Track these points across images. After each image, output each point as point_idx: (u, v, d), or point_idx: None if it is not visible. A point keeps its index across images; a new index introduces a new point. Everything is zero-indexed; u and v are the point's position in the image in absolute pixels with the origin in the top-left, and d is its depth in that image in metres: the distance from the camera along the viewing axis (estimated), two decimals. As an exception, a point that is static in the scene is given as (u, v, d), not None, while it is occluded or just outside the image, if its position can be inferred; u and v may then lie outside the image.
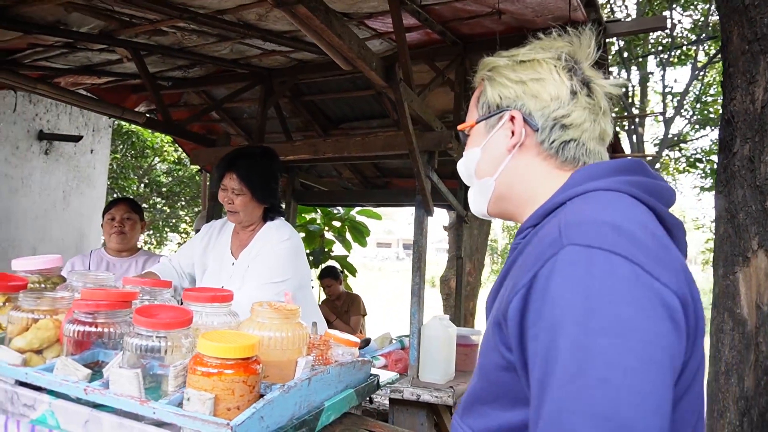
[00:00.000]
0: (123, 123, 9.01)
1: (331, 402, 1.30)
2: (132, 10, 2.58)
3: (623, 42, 8.02)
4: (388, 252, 39.57)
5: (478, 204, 0.97)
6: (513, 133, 0.88)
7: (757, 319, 1.89)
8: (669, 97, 8.89)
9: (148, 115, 3.60)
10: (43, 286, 1.56)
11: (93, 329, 1.20)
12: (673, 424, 0.66)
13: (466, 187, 3.57)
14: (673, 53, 8.42)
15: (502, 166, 0.90)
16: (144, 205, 10.95)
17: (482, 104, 0.94)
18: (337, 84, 4.11)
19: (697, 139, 8.98)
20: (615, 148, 3.99)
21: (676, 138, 9.14)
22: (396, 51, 3.11)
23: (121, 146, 10.05)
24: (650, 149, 9.24)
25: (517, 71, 0.89)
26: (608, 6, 8.30)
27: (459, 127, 1.00)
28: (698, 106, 8.53)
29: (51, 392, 1.15)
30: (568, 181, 0.83)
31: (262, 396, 1.08)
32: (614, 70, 8.51)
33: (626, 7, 8.75)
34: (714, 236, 2.19)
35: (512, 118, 0.88)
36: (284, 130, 4.27)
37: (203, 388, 1.01)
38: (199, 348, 1.04)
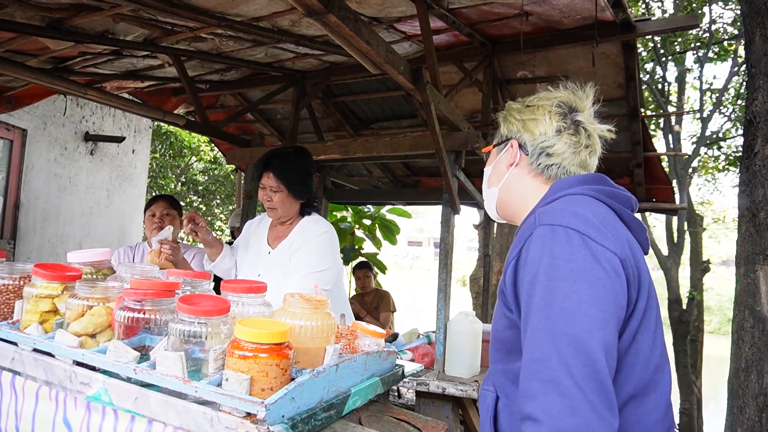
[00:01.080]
0: (162, 124, 9.33)
1: (357, 388, 1.39)
2: (174, 19, 2.73)
3: (659, 38, 7.85)
4: (419, 250, 39.52)
5: (489, 207, 1.30)
6: (513, 155, 1.21)
7: (776, 317, 1.88)
8: (707, 93, 8.64)
9: (187, 117, 3.77)
10: (95, 276, 1.69)
11: (141, 315, 1.32)
12: (633, 356, 0.97)
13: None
14: (711, 49, 8.19)
15: (504, 179, 1.23)
16: (181, 203, 11.30)
17: (497, 135, 1.28)
18: (367, 85, 4.20)
19: (736, 137, 8.72)
20: (647, 147, 3.95)
21: (714, 136, 8.88)
22: (424, 53, 3.18)
23: (160, 146, 10.40)
24: (687, 147, 9.02)
25: (521, 113, 1.21)
26: (644, 2, 8.14)
27: (483, 150, 1.37)
28: (739, 102, 8.27)
29: (104, 372, 1.28)
30: (547, 192, 1.14)
31: (293, 379, 1.18)
32: (649, 66, 8.34)
33: (662, 2, 8.57)
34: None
35: (512, 145, 1.21)
36: (316, 130, 4.39)
37: (240, 370, 1.11)
38: (236, 333, 1.14)
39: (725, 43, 8.39)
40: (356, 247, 6.56)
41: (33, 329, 1.39)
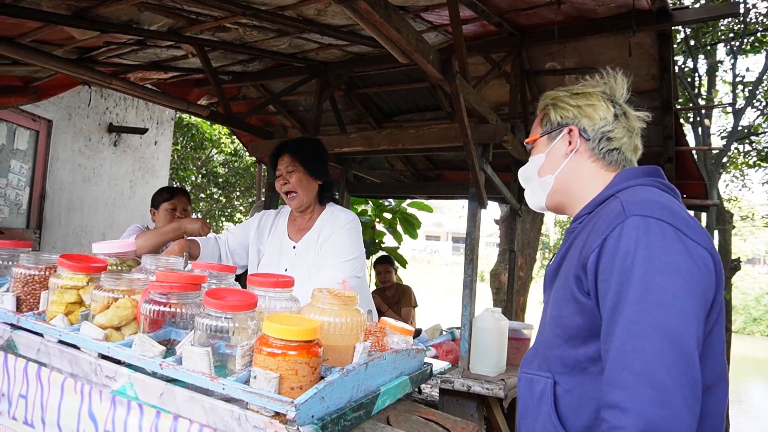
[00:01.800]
0: (183, 116, 9.39)
1: (386, 387, 1.34)
2: (199, 8, 2.70)
3: (690, 29, 7.61)
4: (437, 245, 39.42)
5: (537, 197, 1.27)
6: (570, 142, 1.21)
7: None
8: (740, 86, 8.37)
9: (211, 109, 3.75)
10: (119, 268, 1.67)
11: (167, 309, 1.28)
12: (708, 348, 0.97)
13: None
14: (745, 40, 7.92)
15: (562, 166, 1.21)
16: (201, 195, 11.39)
17: (545, 123, 1.26)
18: (390, 76, 4.14)
19: (768, 131, 8.45)
20: (679, 141, 3.82)
21: (746, 130, 8.62)
22: (451, 43, 3.11)
23: (181, 138, 10.47)
24: (717, 142, 8.78)
25: (574, 99, 1.22)
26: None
27: (526, 141, 1.32)
28: (773, 96, 8.01)
29: (129, 366, 1.25)
30: (613, 180, 1.15)
31: (322, 378, 1.14)
32: (679, 59, 8.10)
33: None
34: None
35: (570, 131, 1.21)
36: (339, 122, 4.34)
37: (269, 368, 1.07)
38: (265, 330, 1.10)
39: (759, 34, 8.11)
40: (377, 240, 6.53)
41: (58, 320, 1.37)
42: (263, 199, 4.07)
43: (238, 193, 12.22)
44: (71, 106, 5.61)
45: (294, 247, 2.19)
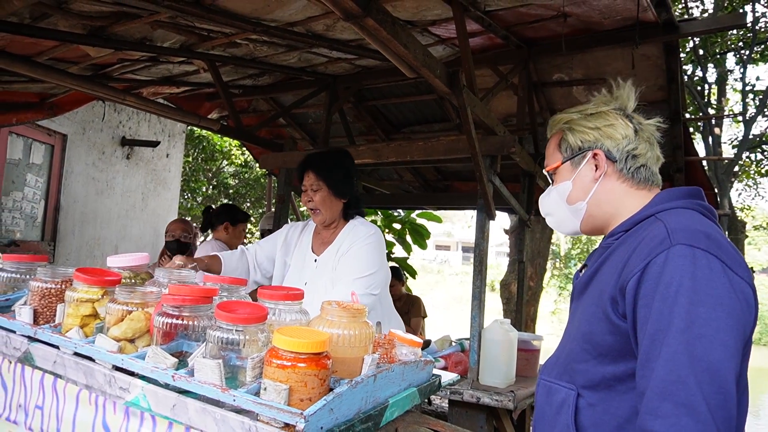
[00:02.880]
0: (195, 129, 9.50)
1: (395, 399, 1.36)
2: (210, 25, 2.76)
3: (698, 39, 7.61)
4: (447, 254, 39.31)
5: (569, 224, 1.26)
6: (596, 166, 1.18)
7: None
8: (750, 95, 8.33)
9: (222, 123, 3.81)
10: (133, 281, 1.71)
11: (179, 321, 1.31)
12: (740, 378, 0.95)
13: (529, 191, 3.53)
14: (756, 49, 7.90)
15: (592, 192, 1.19)
16: (212, 207, 11.48)
17: (565, 149, 1.23)
18: (399, 89, 4.18)
19: (781, 140, 8.38)
20: (688, 151, 3.82)
21: (757, 139, 8.55)
22: (459, 56, 3.14)
23: (193, 151, 10.59)
24: (728, 151, 8.71)
25: (591, 121, 1.20)
26: (682, 2, 7.90)
27: (546, 169, 1.30)
28: (784, 104, 7.96)
29: (143, 378, 1.28)
30: (653, 200, 1.15)
31: (331, 389, 1.15)
32: (688, 68, 8.09)
33: (703, 2, 8.30)
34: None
35: (595, 155, 1.19)
36: (348, 134, 4.39)
37: (278, 380, 1.09)
38: (275, 342, 1.12)
39: (769, 43, 8.09)
40: (386, 251, 6.53)
41: (74, 333, 1.41)
42: (273, 210, 4.10)
43: (248, 204, 12.31)
44: (85, 120, 5.71)
45: (315, 261, 2.20)
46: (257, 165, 9.75)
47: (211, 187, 11.65)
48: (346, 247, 2.13)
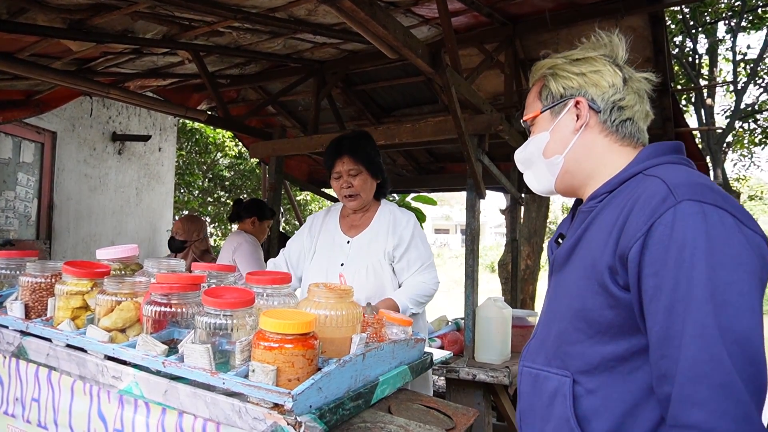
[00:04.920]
0: (187, 121, 9.45)
1: (385, 377, 1.38)
2: (190, 14, 2.73)
3: (688, 9, 7.56)
4: (446, 237, 39.39)
5: (544, 181, 1.13)
6: (578, 116, 1.06)
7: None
8: (741, 64, 8.29)
9: (209, 113, 3.79)
10: (123, 272, 1.72)
11: (168, 309, 1.33)
12: None
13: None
14: (745, 17, 7.85)
15: (571, 144, 1.07)
16: (209, 199, 11.48)
17: (545, 96, 1.11)
18: (387, 72, 4.15)
19: (773, 108, 8.37)
20: (678, 122, 3.81)
21: (750, 108, 8.54)
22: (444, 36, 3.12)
23: (186, 143, 10.54)
24: (722, 122, 8.70)
25: (576, 66, 1.08)
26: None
27: (524, 118, 1.17)
28: (775, 72, 7.93)
29: (134, 366, 1.29)
30: (637, 157, 1.02)
31: (320, 369, 1.17)
32: (678, 39, 8.04)
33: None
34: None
35: (577, 104, 1.06)
36: (337, 119, 4.37)
37: (266, 361, 1.11)
38: (261, 325, 1.14)
39: (759, 10, 8.03)
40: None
41: (65, 325, 1.42)
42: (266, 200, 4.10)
43: (245, 196, 12.29)
44: (74, 117, 5.67)
45: (348, 242, 2.19)
46: (249, 155, 9.73)
47: (206, 179, 11.62)
48: (395, 237, 2.13)
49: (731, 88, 8.27)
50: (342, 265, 2.14)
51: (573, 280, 1.01)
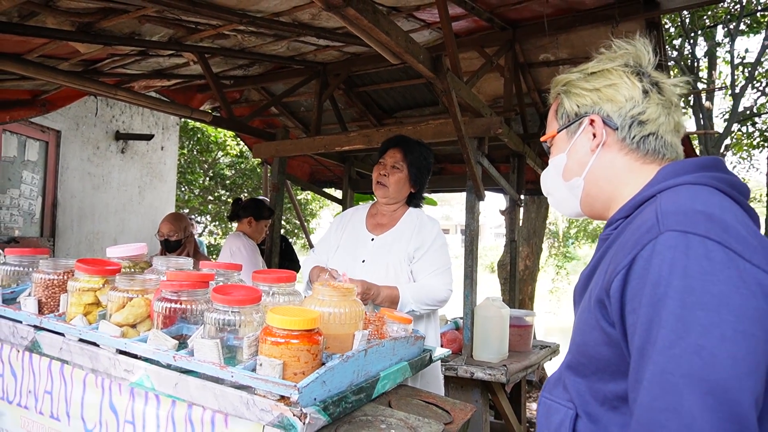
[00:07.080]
0: (189, 121, 9.50)
1: (386, 372, 1.43)
2: (197, 18, 2.79)
3: (686, 13, 7.61)
4: (447, 238, 39.39)
5: (569, 204, 1.07)
6: (594, 135, 0.99)
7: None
8: (739, 68, 8.35)
9: (214, 114, 3.85)
10: (133, 270, 1.77)
11: (178, 306, 1.38)
12: (765, 400, 0.72)
13: (519, 171, 3.56)
14: (743, 21, 7.90)
15: (589, 165, 1.00)
16: (210, 198, 11.53)
17: (561, 115, 1.06)
18: (389, 74, 4.21)
19: (772, 111, 8.42)
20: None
21: (748, 111, 8.59)
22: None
23: (187, 142, 10.60)
24: (720, 125, 8.75)
25: (590, 81, 1.01)
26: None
27: (542, 139, 1.13)
28: (773, 76, 7.98)
29: (146, 360, 1.35)
30: (656, 176, 0.92)
31: (324, 364, 1.22)
32: (677, 42, 8.10)
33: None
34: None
35: (591, 122, 0.99)
36: (339, 121, 4.43)
37: (273, 356, 1.16)
38: (268, 321, 1.19)
39: (758, 14, 8.09)
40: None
41: (78, 320, 1.47)
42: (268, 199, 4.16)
43: (246, 194, 12.33)
44: (78, 116, 5.73)
45: (372, 240, 2.23)
46: (252, 155, 9.79)
47: (207, 178, 11.67)
48: (418, 239, 2.17)
49: (729, 91, 8.32)
50: (363, 261, 2.18)
51: (581, 311, 0.95)
